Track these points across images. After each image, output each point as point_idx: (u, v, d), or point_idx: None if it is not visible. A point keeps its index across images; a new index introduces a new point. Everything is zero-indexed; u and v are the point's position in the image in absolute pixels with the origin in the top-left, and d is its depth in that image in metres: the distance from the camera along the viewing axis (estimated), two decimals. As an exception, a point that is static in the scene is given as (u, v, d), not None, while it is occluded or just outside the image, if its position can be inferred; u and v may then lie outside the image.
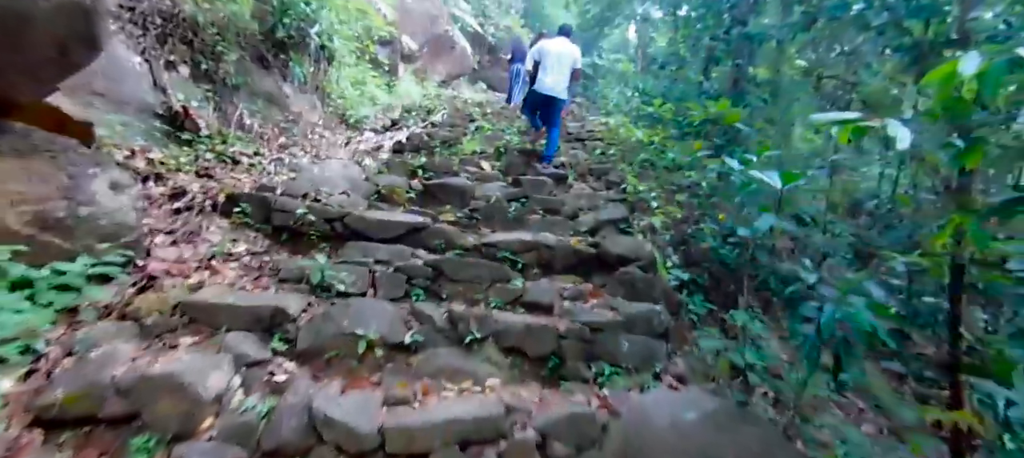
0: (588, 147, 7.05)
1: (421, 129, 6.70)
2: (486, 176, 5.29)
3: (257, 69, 5.45)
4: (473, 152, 5.96)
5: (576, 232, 4.05)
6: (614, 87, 10.62)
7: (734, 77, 8.38)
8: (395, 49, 10.08)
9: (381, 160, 5.66)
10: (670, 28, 12.03)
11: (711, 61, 8.48)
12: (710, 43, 10.71)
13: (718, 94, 7.64)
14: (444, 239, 3.60)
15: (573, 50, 5.67)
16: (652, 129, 6.13)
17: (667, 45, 11.67)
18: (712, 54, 10.65)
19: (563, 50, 5.62)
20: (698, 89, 9.37)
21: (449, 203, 4.50)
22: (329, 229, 3.58)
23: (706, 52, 10.71)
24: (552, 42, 5.73)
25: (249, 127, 4.94)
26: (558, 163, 6.01)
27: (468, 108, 8.51)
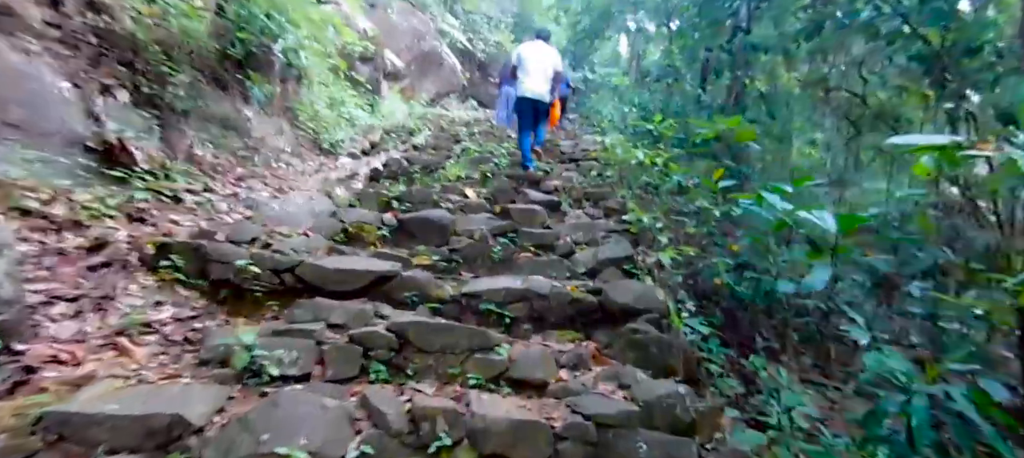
0: (583, 168, 6.52)
1: (401, 153, 6.15)
2: (470, 205, 4.73)
3: (212, 91, 4.89)
4: (457, 177, 5.41)
5: (573, 274, 3.49)
6: (607, 102, 10.16)
7: (736, 89, 7.92)
8: (377, 66, 9.58)
9: (354, 190, 5.10)
10: (664, 40, 11.63)
11: (713, 73, 8.01)
12: (707, 53, 10.32)
13: (720, 107, 7.17)
14: (416, 290, 3.02)
15: (551, 53, 5.72)
16: (651, 148, 5.61)
17: (661, 57, 11.25)
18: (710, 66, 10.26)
19: (541, 54, 5.66)
20: (696, 103, 8.92)
21: (427, 241, 3.93)
22: (277, 283, 2.99)
23: (702, 64, 10.31)
24: (529, 46, 5.77)
25: (200, 158, 4.37)
26: (551, 188, 5.47)
27: (454, 128, 8.00)
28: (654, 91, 9.60)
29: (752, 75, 10.46)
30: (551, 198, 5.05)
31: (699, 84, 10.74)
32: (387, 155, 5.92)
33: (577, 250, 3.86)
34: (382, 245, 3.90)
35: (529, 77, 5.63)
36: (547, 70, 5.72)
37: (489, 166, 5.86)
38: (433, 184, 5.29)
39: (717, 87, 10.17)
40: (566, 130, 9.78)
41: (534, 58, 5.66)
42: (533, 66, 5.65)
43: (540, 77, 5.67)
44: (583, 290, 3.13)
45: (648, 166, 5.31)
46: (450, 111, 13.41)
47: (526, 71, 5.63)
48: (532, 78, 5.63)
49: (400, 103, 10.89)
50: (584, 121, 10.28)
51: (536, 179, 5.57)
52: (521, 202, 5.00)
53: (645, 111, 8.71)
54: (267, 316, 2.88)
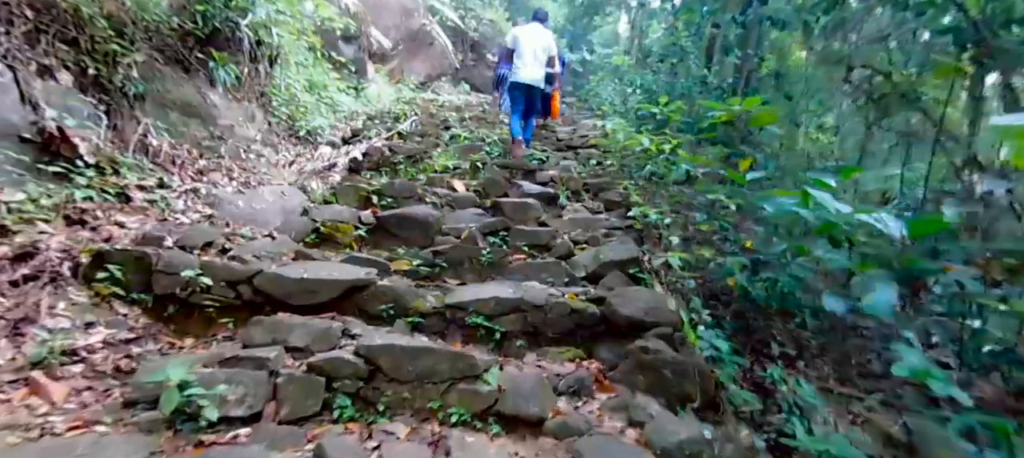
0: (581, 156, 6.15)
1: (385, 141, 5.76)
2: (458, 199, 4.36)
3: (172, 73, 4.47)
4: (444, 168, 5.03)
5: (572, 279, 3.14)
6: (607, 84, 9.75)
7: (747, 69, 7.52)
8: (361, 46, 9.12)
9: (332, 183, 4.71)
10: (667, 17, 11.16)
11: (723, 51, 7.61)
12: (713, 30, 9.87)
13: (731, 88, 6.78)
14: (393, 301, 2.67)
15: (548, 36, 5.60)
16: (656, 133, 5.24)
17: (665, 36, 10.79)
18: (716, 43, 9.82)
19: (538, 36, 5.53)
20: (701, 83, 8.52)
21: (409, 241, 3.57)
22: (233, 297, 2.63)
23: (708, 42, 9.86)
24: (526, 29, 5.63)
25: (155, 149, 3.97)
26: (547, 178, 5.11)
27: (444, 113, 7.59)
28: (657, 72, 9.17)
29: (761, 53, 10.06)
30: (547, 190, 4.69)
31: (705, 64, 10.32)
32: (369, 143, 5.53)
33: (576, 250, 3.51)
34: (359, 246, 3.54)
35: (525, 62, 5.49)
36: (543, 55, 5.59)
37: (480, 155, 5.48)
38: (418, 176, 4.91)
39: (725, 66, 9.76)
40: (563, 115, 9.37)
41: (530, 42, 5.52)
42: (529, 50, 5.51)
43: (536, 62, 5.55)
44: (584, 299, 2.79)
45: (653, 154, 4.94)
46: (441, 95, 12.93)
47: (521, 56, 5.49)
48: (528, 63, 5.50)
49: (387, 86, 10.42)
50: (582, 105, 9.86)
51: (530, 169, 5.21)
52: (514, 195, 4.64)
53: (648, 93, 8.30)
54: (220, 336, 2.53)
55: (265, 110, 5.51)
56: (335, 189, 4.24)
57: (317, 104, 6.73)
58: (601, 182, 5.22)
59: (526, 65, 5.49)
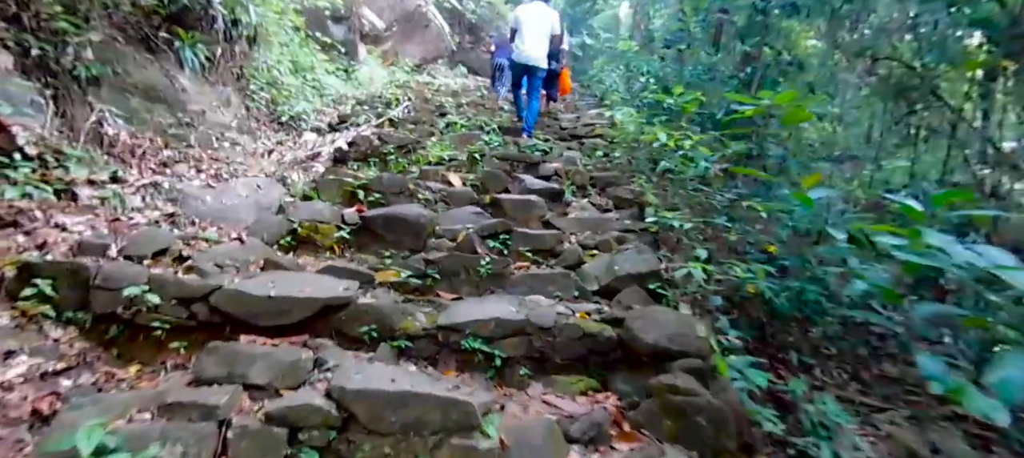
0: (586, 147, 5.74)
1: (375, 128, 5.34)
2: (454, 195, 3.97)
3: (135, 54, 4.03)
4: (439, 160, 4.62)
5: (582, 293, 2.77)
6: (612, 70, 9.30)
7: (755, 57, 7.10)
8: (352, 27, 8.64)
9: (315, 174, 4.30)
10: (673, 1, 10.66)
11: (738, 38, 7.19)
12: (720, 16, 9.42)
13: (746, 79, 6.38)
14: (376, 322, 2.29)
15: (551, 14, 5.47)
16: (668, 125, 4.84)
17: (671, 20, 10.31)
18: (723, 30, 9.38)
19: (540, 15, 5.40)
20: (708, 72, 8.09)
21: (397, 244, 3.18)
22: (186, 317, 2.25)
23: (715, 28, 9.41)
24: (528, 8, 5.47)
25: (112, 138, 3.54)
26: (551, 171, 4.71)
27: (439, 98, 7.15)
28: (664, 58, 8.73)
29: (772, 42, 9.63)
30: (551, 186, 4.29)
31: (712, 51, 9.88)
32: (357, 131, 5.10)
33: (586, 257, 3.13)
34: (341, 250, 3.15)
35: (526, 42, 5.39)
36: (546, 34, 5.48)
37: (478, 145, 5.06)
38: (410, 168, 4.50)
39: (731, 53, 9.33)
40: (566, 101, 8.94)
41: (532, 21, 5.41)
42: (530, 30, 5.41)
43: (538, 42, 5.44)
44: (598, 319, 2.42)
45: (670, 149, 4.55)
46: (436, 78, 12.46)
47: (523, 36, 5.40)
48: (529, 43, 5.39)
49: (379, 69, 9.95)
50: (585, 90, 9.41)
51: (533, 161, 4.81)
52: (515, 191, 4.25)
53: (655, 81, 7.87)
54: (169, 364, 2.15)
55: (242, 94, 5.07)
56: (317, 183, 3.82)
57: (302, 87, 6.29)
58: (609, 176, 4.83)
59: (527, 43, 5.36)
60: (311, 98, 6.19)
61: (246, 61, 5.29)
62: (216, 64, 4.78)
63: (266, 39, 5.82)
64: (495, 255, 3.14)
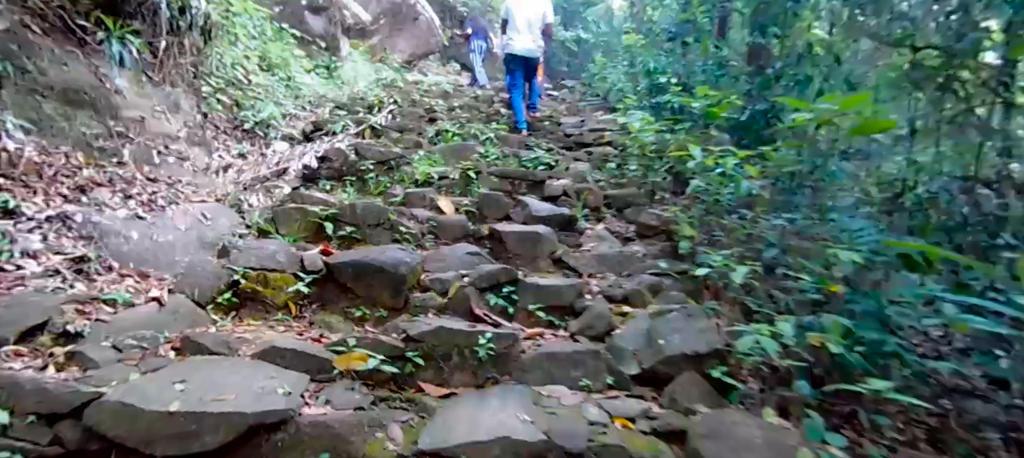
0: (595, 158, 5.02)
1: (353, 138, 4.57)
2: (445, 226, 3.23)
3: (56, 48, 3.23)
4: (427, 179, 3.87)
5: (618, 379, 2.04)
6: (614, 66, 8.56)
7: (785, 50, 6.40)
8: (333, 19, 7.82)
9: (280, 196, 3.54)
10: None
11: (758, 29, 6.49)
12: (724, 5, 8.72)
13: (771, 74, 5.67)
14: (328, 448, 1.56)
15: (542, 4, 5.32)
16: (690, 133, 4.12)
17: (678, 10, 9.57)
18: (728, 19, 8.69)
19: (531, 3, 5.27)
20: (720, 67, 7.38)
21: (370, 301, 2.45)
22: (48, 441, 1.50)
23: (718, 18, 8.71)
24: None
25: (12, 156, 2.76)
26: (559, 190, 3.99)
27: (429, 100, 6.38)
28: (670, 53, 8.00)
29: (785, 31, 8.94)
30: (560, 211, 3.57)
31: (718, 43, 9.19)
32: (332, 142, 4.34)
33: (616, 318, 2.41)
34: (297, 310, 2.40)
35: (519, 33, 5.23)
36: (538, 23, 5.34)
37: (472, 158, 4.33)
38: (393, 189, 3.75)
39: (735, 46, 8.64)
40: (566, 101, 8.21)
41: (524, 11, 5.25)
42: (523, 20, 5.25)
43: (531, 33, 5.29)
44: (647, 430, 1.70)
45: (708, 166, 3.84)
46: (427, 76, 11.66)
47: (515, 27, 5.23)
48: (522, 34, 5.24)
49: (365, 66, 9.14)
50: (585, 89, 8.66)
51: (537, 178, 4.07)
52: (518, 217, 3.52)
53: (664, 77, 7.14)
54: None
55: (196, 97, 4.28)
56: (275, 213, 3.05)
57: (273, 88, 5.50)
58: (626, 195, 4.12)
59: (520, 35, 5.18)
60: (283, 100, 5.41)
61: (201, 57, 4.50)
62: (162, 61, 3.99)
63: (229, 31, 5.03)
64: (498, 315, 2.42)
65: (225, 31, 4.92)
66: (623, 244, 3.50)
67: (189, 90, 4.24)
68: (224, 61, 4.86)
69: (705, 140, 3.98)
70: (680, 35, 8.97)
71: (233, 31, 5.29)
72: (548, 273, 3.01)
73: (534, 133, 5.58)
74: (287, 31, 6.91)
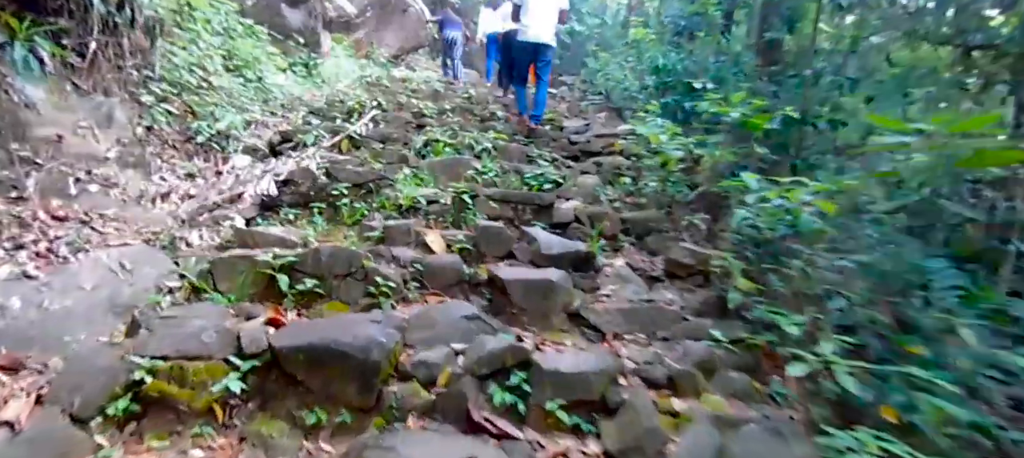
0: (606, 170, 4.34)
1: (326, 152, 3.86)
2: (433, 271, 2.55)
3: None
4: (412, 204, 3.17)
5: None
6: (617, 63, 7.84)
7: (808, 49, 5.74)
8: (314, 11, 7.05)
9: (224, 235, 2.83)
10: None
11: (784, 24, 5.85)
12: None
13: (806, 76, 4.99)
14: None
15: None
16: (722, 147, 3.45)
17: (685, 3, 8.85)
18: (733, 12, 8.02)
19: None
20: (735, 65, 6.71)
21: (330, 400, 1.77)
22: None
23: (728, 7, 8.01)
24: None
25: None
26: (569, 214, 3.32)
27: (418, 101, 5.65)
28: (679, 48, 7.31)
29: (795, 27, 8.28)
30: (573, 246, 2.88)
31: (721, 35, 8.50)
32: (300, 159, 3.62)
33: (667, 423, 1.74)
34: (225, 414, 1.72)
35: (534, 19, 4.74)
36: (554, 9, 4.84)
37: (467, 176, 3.64)
38: (370, 218, 3.05)
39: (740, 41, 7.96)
40: (567, 100, 7.50)
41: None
42: (538, 5, 4.74)
43: (546, 19, 4.80)
44: None
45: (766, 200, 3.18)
46: (416, 71, 10.89)
47: (529, 12, 4.74)
48: (537, 21, 4.75)
49: (349, 62, 8.38)
50: (586, 86, 7.93)
51: (544, 202, 3.38)
52: (523, 255, 2.84)
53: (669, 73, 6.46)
54: None
55: (137, 106, 3.54)
56: (214, 263, 2.35)
57: (238, 92, 4.76)
58: (646, 219, 3.44)
59: (534, 21, 4.72)
60: (250, 105, 4.67)
61: (147, 59, 3.76)
62: (92, 65, 3.26)
63: (186, 27, 4.28)
64: (505, 416, 1.75)
65: (182, 28, 4.18)
66: (650, 286, 2.84)
67: (128, 99, 3.50)
68: (178, 62, 4.11)
69: (744, 156, 3.32)
70: (689, 29, 8.29)
71: (192, 28, 4.55)
72: (563, 333, 2.34)
73: (535, 140, 4.88)
74: (260, 26, 6.15)
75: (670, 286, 2.82)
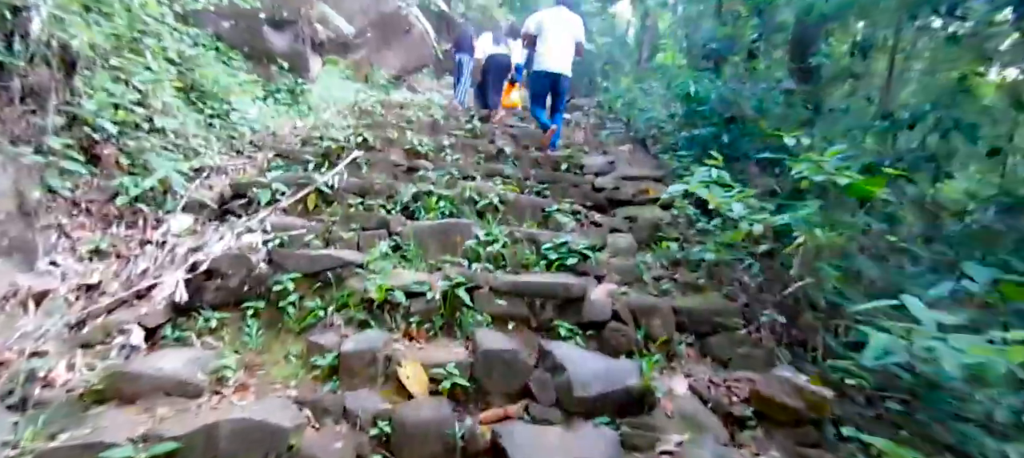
0: (643, 228, 3.39)
1: (279, 217, 2.94)
2: (407, 435, 1.60)
3: None
4: (384, 301, 2.21)
5: None
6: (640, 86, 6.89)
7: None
8: (300, 35, 6.19)
9: (106, 365, 1.90)
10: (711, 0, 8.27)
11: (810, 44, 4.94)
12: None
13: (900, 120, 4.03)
14: None
15: (576, 20, 4.85)
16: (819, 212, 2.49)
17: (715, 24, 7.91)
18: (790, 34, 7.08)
19: (566, 20, 4.75)
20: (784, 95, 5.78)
21: None
22: None
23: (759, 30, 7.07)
24: (553, 13, 4.76)
25: None
26: (607, 312, 2.36)
27: (413, 133, 4.74)
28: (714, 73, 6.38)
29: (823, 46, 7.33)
30: (622, 379, 1.92)
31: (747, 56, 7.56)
32: (247, 223, 2.70)
33: None
34: None
35: (553, 51, 4.63)
36: (572, 42, 4.71)
37: (466, 249, 2.70)
38: (326, 319, 2.11)
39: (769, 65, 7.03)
40: (582, 127, 6.56)
41: (558, 27, 4.66)
42: (557, 37, 4.64)
43: (565, 51, 4.69)
44: None
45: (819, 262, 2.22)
46: (417, 93, 10.07)
47: (547, 43, 4.62)
48: (556, 52, 4.63)
49: (341, 86, 7.53)
50: (605, 114, 6.96)
51: (572, 294, 2.39)
52: (546, 396, 1.88)
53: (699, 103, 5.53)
54: None
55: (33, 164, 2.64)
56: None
57: (195, 130, 3.87)
58: (707, 309, 2.48)
59: (552, 51, 4.64)
60: (205, 146, 3.77)
61: (57, 97, 2.87)
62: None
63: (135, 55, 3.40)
64: None
65: (127, 56, 3.30)
66: (733, 435, 1.87)
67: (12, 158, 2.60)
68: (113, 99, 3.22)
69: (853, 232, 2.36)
70: (721, 52, 7.34)
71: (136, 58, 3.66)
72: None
73: (552, 186, 3.94)
74: (232, 51, 5.31)
75: (766, 437, 1.85)
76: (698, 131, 5.42)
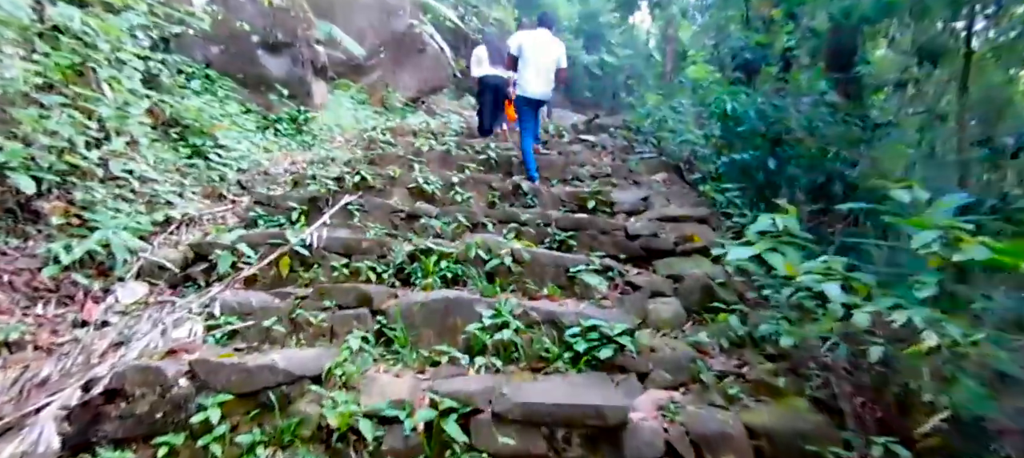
0: (690, 291, 2.68)
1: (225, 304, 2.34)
2: None
3: None
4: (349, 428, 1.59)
5: None
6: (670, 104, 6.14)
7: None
8: (299, 59, 5.70)
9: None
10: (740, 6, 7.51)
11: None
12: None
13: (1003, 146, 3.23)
14: None
15: (558, 46, 4.61)
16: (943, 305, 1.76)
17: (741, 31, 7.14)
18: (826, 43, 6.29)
19: (546, 45, 4.54)
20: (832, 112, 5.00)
21: None
22: None
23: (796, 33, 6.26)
24: (533, 35, 4.59)
25: None
26: (656, 448, 1.65)
27: (423, 168, 4.14)
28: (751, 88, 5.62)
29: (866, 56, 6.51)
30: None
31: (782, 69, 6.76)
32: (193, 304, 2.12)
33: None
34: None
35: (534, 76, 4.46)
36: (552, 66, 4.53)
37: (466, 335, 2.05)
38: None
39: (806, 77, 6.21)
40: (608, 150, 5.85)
41: (539, 52, 4.47)
42: (537, 62, 4.46)
43: (544, 74, 4.49)
44: None
45: None
46: (435, 116, 9.51)
47: (528, 65, 4.46)
48: (537, 77, 4.47)
49: (350, 113, 7.01)
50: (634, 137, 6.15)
51: (607, 423, 1.70)
52: None
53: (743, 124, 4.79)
54: None
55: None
56: None
57: (165, 173, 3.35)
58: (793, 430, 1.76)
59: (534, 78, 4.49)
60: (174, 194, 3.23)
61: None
62: None
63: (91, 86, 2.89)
64: None
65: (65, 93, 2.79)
66: None
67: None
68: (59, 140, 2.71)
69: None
70: (754, 62, 6.58)
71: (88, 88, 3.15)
72: None
73: (577, 234, 3.26)
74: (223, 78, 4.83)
75: None
76: (738, 155, 4.68)
